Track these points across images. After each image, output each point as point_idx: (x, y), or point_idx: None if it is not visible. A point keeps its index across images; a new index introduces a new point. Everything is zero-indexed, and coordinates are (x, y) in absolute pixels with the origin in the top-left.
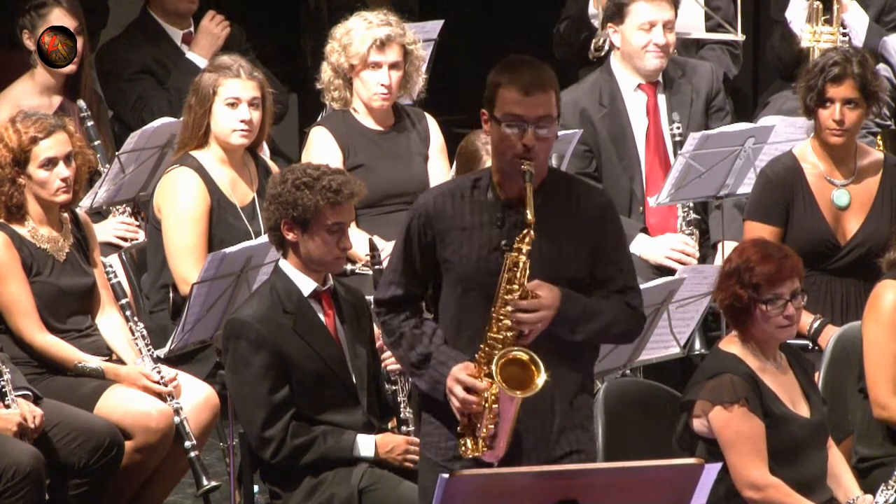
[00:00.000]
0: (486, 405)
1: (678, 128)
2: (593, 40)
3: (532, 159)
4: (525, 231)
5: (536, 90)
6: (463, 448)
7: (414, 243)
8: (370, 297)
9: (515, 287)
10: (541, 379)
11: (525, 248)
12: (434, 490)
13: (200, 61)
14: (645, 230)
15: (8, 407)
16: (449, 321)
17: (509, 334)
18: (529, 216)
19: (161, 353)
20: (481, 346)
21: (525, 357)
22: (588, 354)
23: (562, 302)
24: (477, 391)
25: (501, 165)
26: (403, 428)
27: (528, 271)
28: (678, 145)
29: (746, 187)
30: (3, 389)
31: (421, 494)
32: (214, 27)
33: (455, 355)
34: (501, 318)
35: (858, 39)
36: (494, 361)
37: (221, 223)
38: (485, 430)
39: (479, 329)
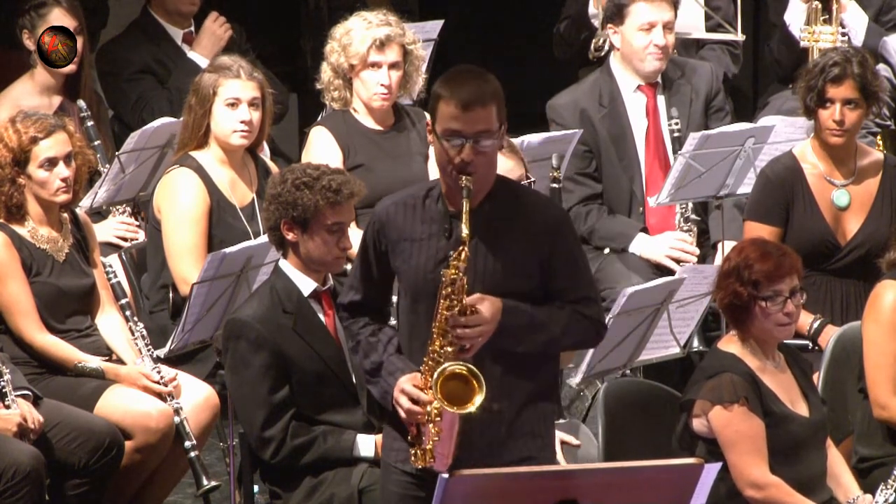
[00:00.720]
0: (430, 418)
1: (676, 124)
2: (593, 40)
3: (471, 174)
4: (460, 248)
5: (475, 105)
6: (413, 458)
7: (370, 250)
8: None
9: (455, 303)
10: (479, 398)
11: (461, 264)
12: (392, 492)
13: (202, 61)
14: (645, 230)
15: (8, 407)
16: (402, 329)
17: (450, 349)
18: (464, 232)
19: (161, 353)
20: (424, 359)
21: (465, 371)
22: (541, 363)
23: (504, 314)
24: (421, 402)
25: (445, 178)
26: None
27: (465, 287)
28: (676, 142)
29: (746, 187)
30: (3, 390)
31: (382, 497)
32: (217, 28)
33: (403, 366)
34: (443, 332)
35: (858, 39)
36: (434, 377)
37: (221, 223)
38: (430, 444)
39: (425, 338)
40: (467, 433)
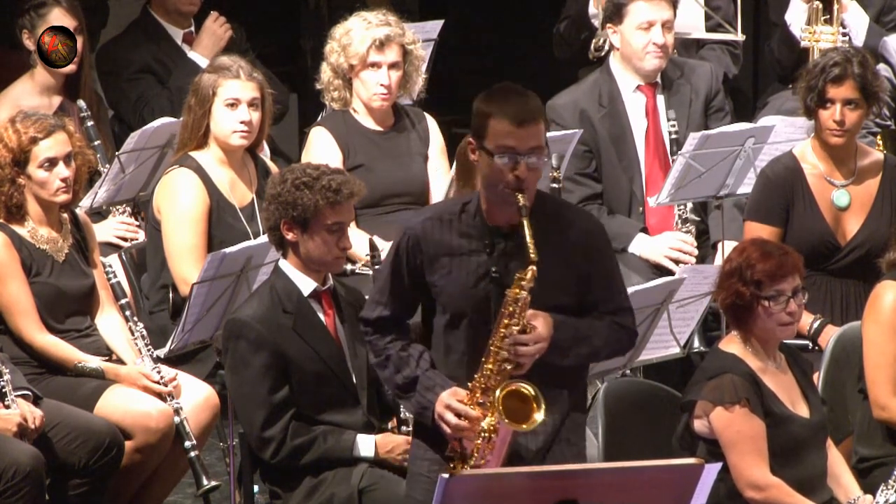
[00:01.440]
0: (484, 436)
1: (674, 125)
2: (593, 40)
3: (524, 191)
4: (528, 269)
5: (529, 122)
6: (453, 472)
7: (402, 265)
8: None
9: (515, 322)
10: (539, 415)
11: (527, 284)
12: (417, 500)
13: (202, 61)
14: (644, 230)
15: (8, 407)
16: (437, 344)
17: (508, 366)
18: (532, 254)
19: (161, 353)
20: (476, 376)
21: (530, 393)
22: (578, 375)
23: (555, 329)
24: (468, 418)
25: (491, 195)
26: (403, 428)
27: (528, 307)
28: (674, 143)
29: (746, 187)
30: (3, 390)
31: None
32: (218, 28)
33: (441, 381)
34: (499, 350)
35: (858, 39)
36: (497, 394)
37: (220, 224)
38: (483, 461)
39: (465, 353)
40: (512, 445)
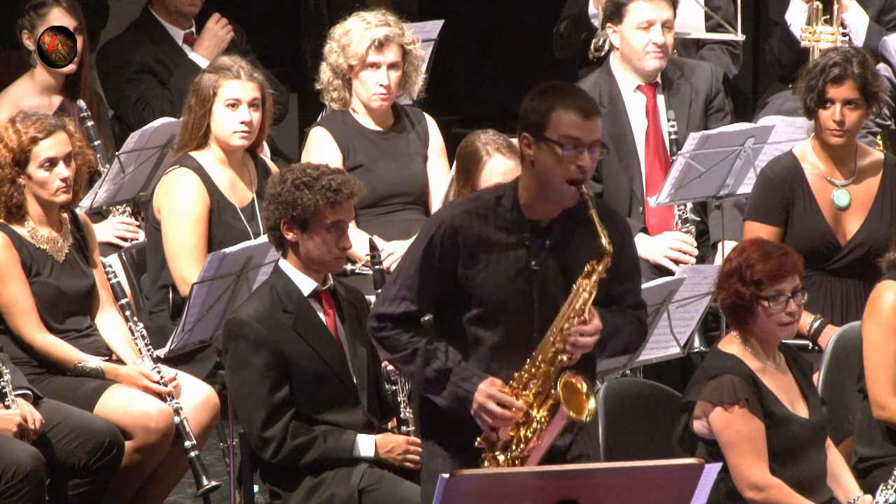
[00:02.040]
0: (539, 426)
1: (673, 126)
2: (593, 40)
3: (583, 181)
4: (604, 259)
5: (594, 114)
6: (486, 463)
7: (434, 258)
8: (370, 297)
9: (579, 313)
10: (592, 404)
11: (598, 276)
12: None
13: (203, 62)
14: (645, 230)
15: (8, 407)
16: (459, 336)
17: (564, 357)
18: (606, 245)
19: (161, 353)
20: (526, 366)
21: (582, 388)
22: (594, 366)
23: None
24: (511, 408)
25: (546, 188)
26: (403, 428)
27: (594, 296)
28: (674, 143)
29: (746, 187)
30: (3, 390)
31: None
32: (219, 29)
33: (476, 371)
34: (556, 341)
35: (859, 39)
36: (557, 384)
37: (221, 224)
38: (524, 451)
39: (497, 347)
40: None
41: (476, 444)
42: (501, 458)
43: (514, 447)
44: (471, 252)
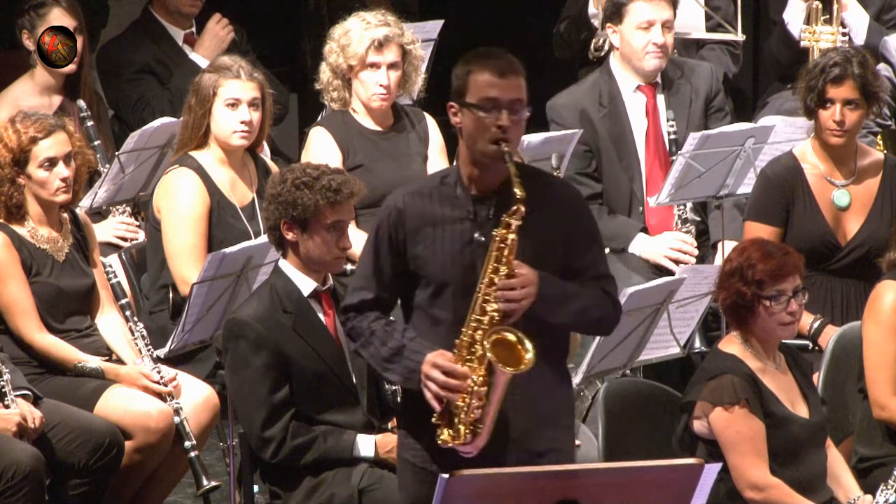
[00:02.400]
0: (473, 388)
1: (672, 126)
2: (593, 40)
3: (508, 141)
4: (515, 207)
5: (510, 73)
6: (441, 439)
7: (384, 244)
8: None
9: (503, 266)
10: (529, 354)
11: (514, 223)
12: (413, 489)
13: (203, 62)
14: (645, 230)
15: (7, 407)
16: (420, 320)
17: (496, 315)
18: (518, 192)
19: (161, 353)
20: (463, 329)
21: (513, 338)
22: (559, 352)
23: (541, 281)
24: (456, 375)
25: (475, 153)
26: None
27: (515, 250)
28: (674, 143)
29: (746, 187)
30: (3, 389)
31: (402, 496)
32: (220, 30)
33: (429, 346)
34: (486, 298)
35: (859, 38)
36: (484, 340)
37: (221, 224)
38: (472, 415)
39: (452, 323)
40: (504, 414)
41: (433, 420)
42: (447, 433)
43: (462, 414)
44: (416, 231)
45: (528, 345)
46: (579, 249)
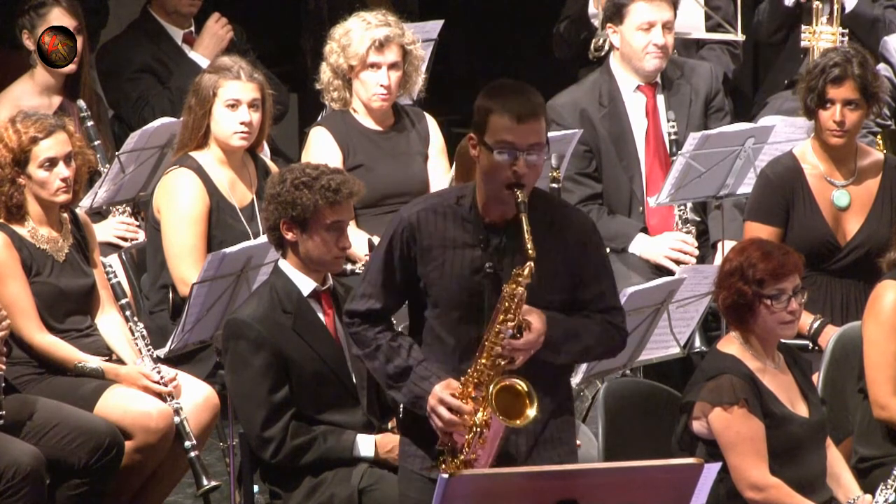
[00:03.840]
0: (476, 431)
1: (673, 126)
2: (593, 40)
3: (522, 186)
4: (527, 265)
5: (529, 118)
6: (443, 465)
7: (395, 257)
8: None
9: (510, 317)
10: (532, 411)
11: (524, 280)
12: (414, 497)
13: (203, 62)
14: (645, 230)
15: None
16: (426, 337)
17: (501, 362)
18: (530, 250)
19: (161, 353)
20: (469, 370)
21: (522, 389)
22: (564, 374)
23: (548, 326)
24: (461, 413)
25: (489, 191)
26: None
27: (523, 303)
28: (674, 143)
29: (746, 187)
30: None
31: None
32: (220, 29)
33: (436, 371)
34: (493, 345)
35: (850, 3)
36: (490, 389)
37: (220, 224)
38: (473, 455)
39: (456, 347)
40: (503, 442)
41: (437, 446)
42: (450, 461)
43: (461, 452)
44: (427, 250)
45: (535, 399)
46: (589, 280)
